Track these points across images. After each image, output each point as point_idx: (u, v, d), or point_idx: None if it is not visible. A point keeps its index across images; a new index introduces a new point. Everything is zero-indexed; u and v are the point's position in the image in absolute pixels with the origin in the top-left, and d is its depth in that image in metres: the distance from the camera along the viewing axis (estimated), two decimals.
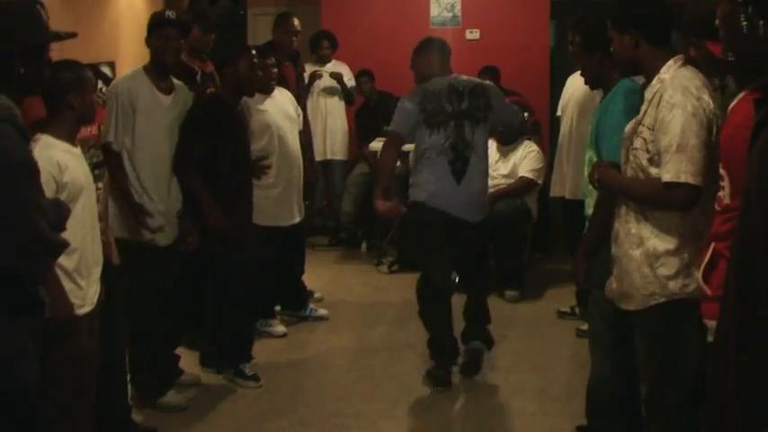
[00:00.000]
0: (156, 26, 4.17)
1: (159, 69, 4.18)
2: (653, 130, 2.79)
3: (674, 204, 2.78)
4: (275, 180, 4.98)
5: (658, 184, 2.78)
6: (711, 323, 2.26)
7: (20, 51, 2.38)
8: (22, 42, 2.39)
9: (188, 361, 4.58)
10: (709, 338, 2.29)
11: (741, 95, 2.38)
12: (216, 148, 4.24)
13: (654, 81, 2.88)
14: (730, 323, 1.72)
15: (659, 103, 2.80)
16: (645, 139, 2.82)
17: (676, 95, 2.76)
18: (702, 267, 2.44)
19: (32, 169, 2.27)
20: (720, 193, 2.40)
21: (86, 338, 3.07)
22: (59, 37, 2.60)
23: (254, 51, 4.53)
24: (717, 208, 2.43)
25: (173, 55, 4.19)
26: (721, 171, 2.39)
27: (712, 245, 2.41)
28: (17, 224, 2.20)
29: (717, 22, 2.16)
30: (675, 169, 2.71)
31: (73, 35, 2.71)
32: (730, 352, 1.71)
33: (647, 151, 2.81)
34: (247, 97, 4.65)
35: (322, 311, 5.63)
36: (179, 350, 4.47)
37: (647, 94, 2.89)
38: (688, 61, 2.89)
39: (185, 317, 4.46)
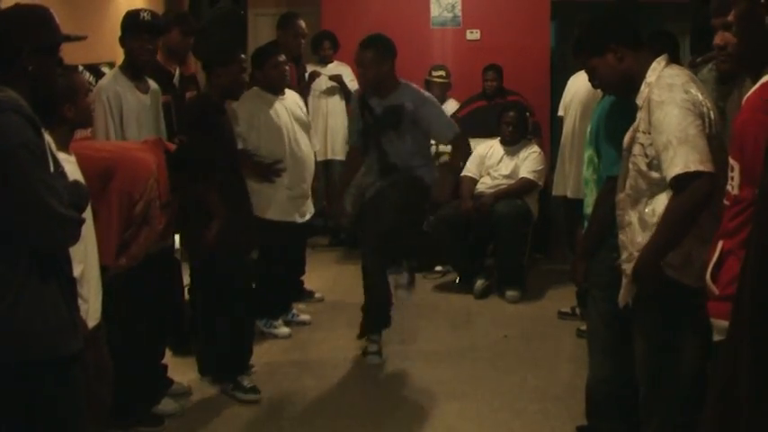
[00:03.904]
0: (131, 29, 4.15)
1: (135, 70, 4.17)
2: (649, 133, 2.79)
3: (696, 198, 2.67)
4: (288, 182, 4.99)
5: (672, 204, 2.74)
6: (718, 322, 2.25)
7: (29, 50, 2.46)
8: (32, 41, 2.47)
9: (180, 369, 4.51)
10: (717, 337, 2.29)
11: (759, 83, 2.34)
12: (213, 150, 4.17)
13: (642, 86, 2.89)
14: (745, 319, 1.70)
15: (649, 105, 2.81)
16: (642, 144, 2.82)
17: (663, 93, 2.77)
18: (710, 267, 2.41)
19: (36, 151, 2.33)
20: (729, 186, 2.34)
21: (93, 353, 3.04)
22: (69, 38, 2.68)
23: (243, 56, 4.48)
24: (726, 203, 2.38)
25: (148, 56, 4.19)
26: (731, 161, 2.33)
27: (720, 243, 2.37)
28: (27, 203, 2.29)
29: (730, 17, 2.16)
30: (683, 161, 2.66)
31: (83, 37, 2.75)
32: (744, 350, 1.69)
33: (646, 156, 2.81)
34: (263, 96, 4.81)
35: (304, 316, 5.57)
36: (176, 358, 4.45)
37: (639, 101, 2.89)
38: (671, 61, 2.92)
39: (172, 326, 4.38)
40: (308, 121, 5.32)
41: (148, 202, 3.55)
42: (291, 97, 5.15)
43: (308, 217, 5.27)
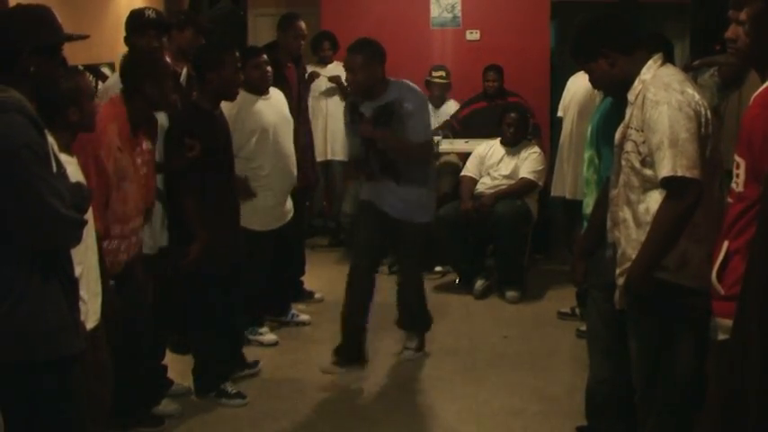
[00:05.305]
0: (136, 27, 4.12)
1: None
2: (641, 131, 2.80)
3: (684, 206, 2.72)
4: (269, 182, 4.87)
5: (659, 214, 2.76)
6: (724, 321, 2.25)
7: (30, 50, 2.46)
8: (32, 42, 2.47)
9: (180, 369, 4.49)
10: (721, 336, 2.29)
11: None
12: (199, 162, 4.10)
13: (635, 83, 2.89)
14: (753, 318, 1.68)
15: (643, 103, 2.81)
16: (635, 142, 2.82)
17: (659, 92, 2.77)
18: (716, 267, 2.41)
19: (40, 152, 2.33)
20: (733, 183, 2.32)
21: (92, 353, 3.04)
22: (71, 38, 2.67)
23: (237, 54, 4.37)
24: (729, 200, 2.37)
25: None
26: (737, 158, 2.30)
27: (725, 243, 2.35)
28: (29, 204, 2.30)
29: (742, 16, 2.16)
30: (671, 164, 2.71)
31: (85, 37, 2.76)
32: (753, 349, 1.68)
33: (639, 153, 2.81)
34: (245, 96, 4.64)
35: (304, 317, 5.54)
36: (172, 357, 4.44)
37: (630, 97, 2.90)
38: (666, 60, 2.93)
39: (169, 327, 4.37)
40: (291, 120, 5.17)
41: (115, 160, 3.51)
42: (276, 96, 5.02)
43: (288, 218, 5.12)
